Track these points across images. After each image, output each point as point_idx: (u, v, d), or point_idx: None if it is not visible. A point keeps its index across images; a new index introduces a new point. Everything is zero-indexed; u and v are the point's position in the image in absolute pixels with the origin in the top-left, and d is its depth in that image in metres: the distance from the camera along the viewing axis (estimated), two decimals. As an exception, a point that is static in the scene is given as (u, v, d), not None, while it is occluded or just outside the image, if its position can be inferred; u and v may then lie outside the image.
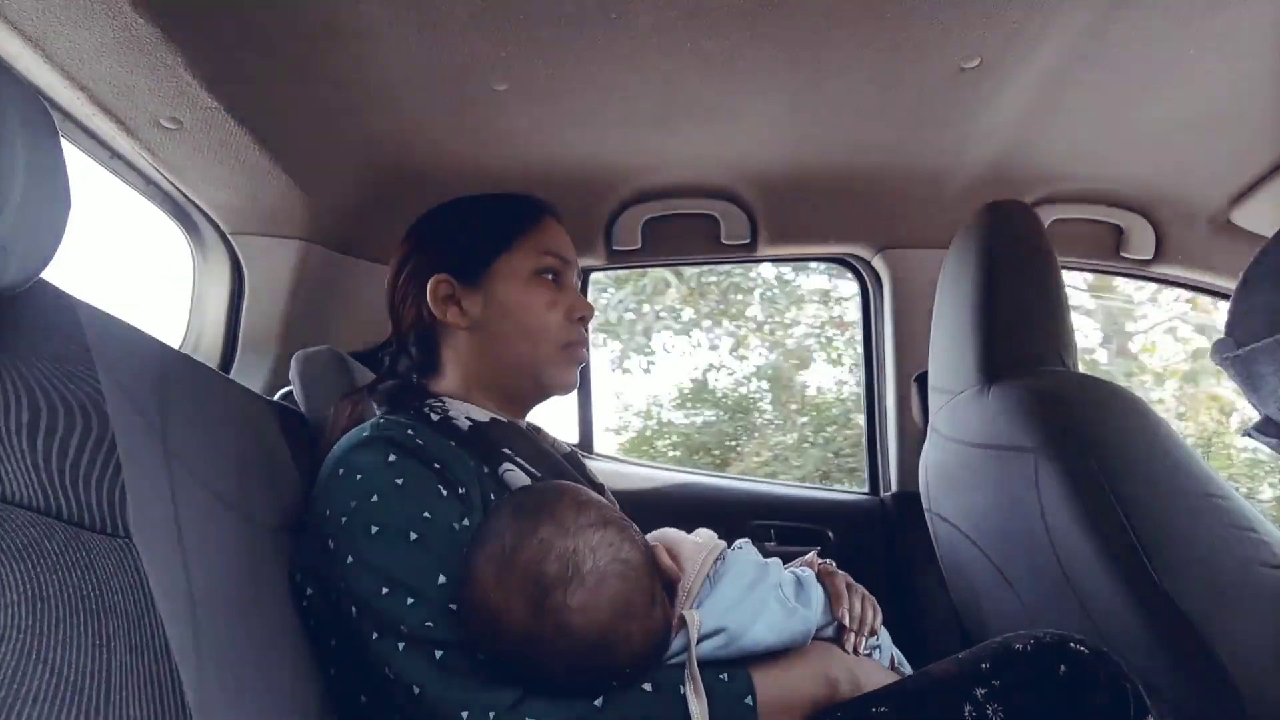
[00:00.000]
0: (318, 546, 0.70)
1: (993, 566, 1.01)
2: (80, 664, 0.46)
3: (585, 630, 0.62)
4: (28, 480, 0.51)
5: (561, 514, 0.66)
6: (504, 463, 0.78)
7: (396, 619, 0.64)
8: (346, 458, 0.73)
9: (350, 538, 0.68)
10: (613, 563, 0.64)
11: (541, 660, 0.62)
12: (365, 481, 0.70)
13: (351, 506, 0.69)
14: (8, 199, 0.50)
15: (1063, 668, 0.58)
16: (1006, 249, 1.06)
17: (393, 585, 0.65)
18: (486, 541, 0.66)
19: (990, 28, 0.95)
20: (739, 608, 0.66)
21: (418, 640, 0.64)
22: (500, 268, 0.86)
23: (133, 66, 0.91)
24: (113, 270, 1.36)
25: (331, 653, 0.71)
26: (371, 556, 0.67)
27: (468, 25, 0.91)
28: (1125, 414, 0.92)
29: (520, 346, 0.85)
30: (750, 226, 1.48)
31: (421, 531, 0.67)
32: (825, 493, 1.68)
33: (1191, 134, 1.20)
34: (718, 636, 0.65)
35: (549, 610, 0.62)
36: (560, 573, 0.63)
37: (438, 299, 0.86)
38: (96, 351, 0.63)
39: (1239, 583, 0.78)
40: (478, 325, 0.85)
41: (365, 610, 0.65)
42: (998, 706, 0.58)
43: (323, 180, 1.22)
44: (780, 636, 0.66)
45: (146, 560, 0.55)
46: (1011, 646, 0.61)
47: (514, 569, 0.63)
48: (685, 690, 0.61)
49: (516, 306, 0.85)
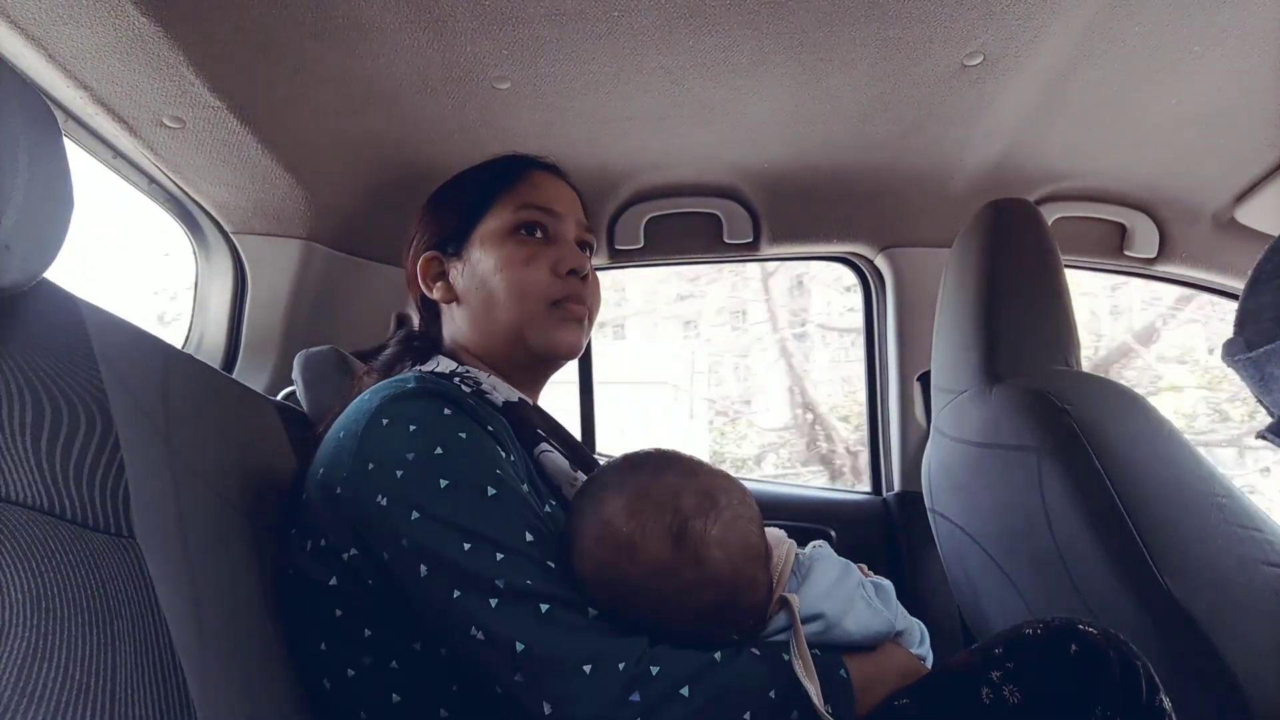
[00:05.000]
0: (355, 504, 0.64)
1: (996, 566, 1.01)
2: (85, 663, 0.46)
3: (720, 566, 0.61)
4: (31, 479, 0.51)
5: (684, 462, 0.67)
6: (540, 443, 0.75)
7: (487, 574, 0.59)
8: (391, 407, 0.66)
9: (412, 491, 0.62)
10: (743, 504, 0.66)
11: (671, 598, 0.61)
12: (423, 433, 0.64)
13: (409, 459, 0.63)
14: (10, 198, 0.50)
15: (1074, 647, 0.59)
16: (1009, 248, 1.05)
17: (476, 540, 0.60)
18: (607, 486, 0.65)
19: (993, 24, 0.95)
20: (832, 598, 0.66)
21: (516, 594, 0.58)
22: (479, 232, 0.82)
23: (135, 65, 0.92)
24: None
25: (332, 623, 0.65)
26: (445, 510, 0.61)
27: (470, 24, 0.91)
28: (1129, 413, 0.91)
29: (503, 311, 0.79)
30: (752, 225, 1.48)
31: (499, 488, 0.63)
32: (828, 493, 1.68)
33: (1195, 131, 1.20)
34: (816, 622, 0.65)
35: (688, 539, 0.61)
36: (699, 505, 0.63)
37: (427, 277, 0.84)
38: (100, 351, 0.63)
39: (1243, 582, 0.77)
40: (464, 296, 0.82)
41: (442, 567, 0.59)
42: (1014, 688, 0.58)
43: (325, 179, 1.22)
44: (865, 632, 0.67)
45: (150, 559, 0.55)
46: (1023, 631, 0.62)
47: (648, 502, 0.62)
48: (791, 659, 0.60)
49: (494, 268, 0.79)
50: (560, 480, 0.74)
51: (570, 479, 0.74)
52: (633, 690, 0.56)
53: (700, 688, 0.57)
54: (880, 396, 1.65)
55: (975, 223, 1.10)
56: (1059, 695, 0.57)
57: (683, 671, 0.58)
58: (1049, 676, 0.58)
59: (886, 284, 1.60)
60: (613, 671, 0.56)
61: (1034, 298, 1.04)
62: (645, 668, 0.57)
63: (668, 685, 0.57)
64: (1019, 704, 0.57)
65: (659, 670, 0.57)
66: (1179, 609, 0.76)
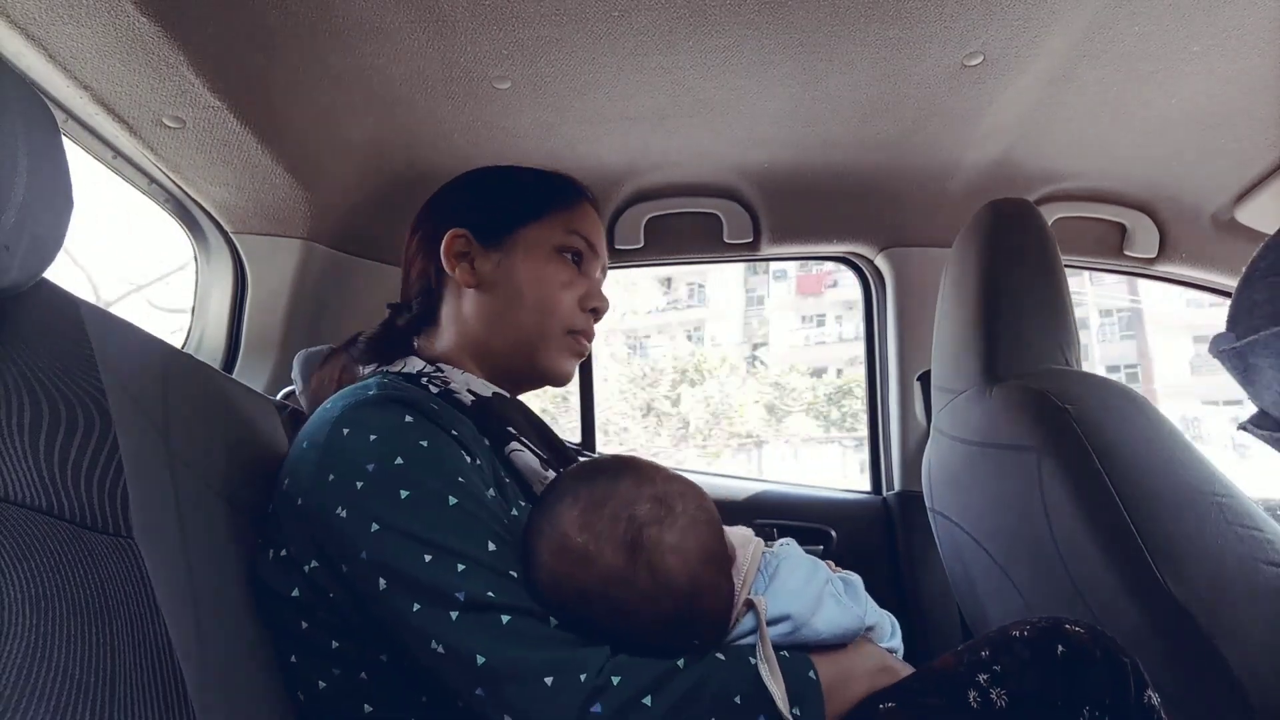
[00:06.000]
0: (317, 515, 0.63)
1: (996, 565, 1.01)
2: (85, 663, 0.46)
3: (677, 572, 0.61)
4: (30, 480, 0.51)
5: (640, 468, 0.66)
6: (510, 442, 0.74)
7: (447, 587, 0.58)
8: (351, 416, 0.65)
9: (371, 503, 0.61)
10: (700, 509, 0.65)
11: (629, 608, 0.60)
12: (383, 443, 0.63)
13: (369, 470, 0.62)
14: (10, 198, 0.50)
15: (1060, 648, 0.59)
16: (1009, 248, 1.05)
17: (436, 551, 0.59)
18: (561, 497, 0.64)
19: (993, 24, 0.95)
20: (800, 598, 0.66)
21: (477, 607, 0.58)
22: (524, 235, 0.82)
23: (135, 65, 0.92)
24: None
25: (299, 636, 0.65)
26: (405, 522, 0.60)
27: (470, 24, 0.91)
28: (1128, 412, 0.91)
29: (524, 318, 0.80)
30: (753, 225, 1.48)
31: (460, 496, 0.62)
32: (828, 492, 1.67)
33: (1195, 131, 1.20)
34: (783, 623, 0.65)
35: (643, 548, 0.60)
36: (653, 513, 0.62)
37: (451, 253, 0.82)
38: (99, 351, 0.63)
39: (1243, 581, 0.77)
40: (486, 286, 0.81)
41: (401, 581, 0.59)
42: (1001, 690, 0.58)
43: (325, 179, 1.22)
44: (835, 631, 0.66)
45: (149, 560, 0.55)
46: (1009, 633, 0.62)
47: (602, 511, 0.62)
48: (757, 663, 0.60)
49: (531, 277, 0.81)
50: (531, 479, 0.73)
51: (540, 478, 0.73)
52: (594, 701, 0.56)
53: (662, 696, 0.57)
54: (880, 396, 1.65)
55: (975, 223, 1.10)
56: (1046, 697, 0.57)
57: (644, 680, 0.57)
58: (1036, 679, 0.58)
59: (886, 284, 1.60)
60: (574, 683, 0.56)
61: (1034, 298, 1.04)
62: (607, 678, 0.57)
63: (629, 694, 0.56)
64: (1006, 707, 0.57)
65: (620, 680, 0.57)
66: (1179, 609, 0.76)
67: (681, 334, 12.36)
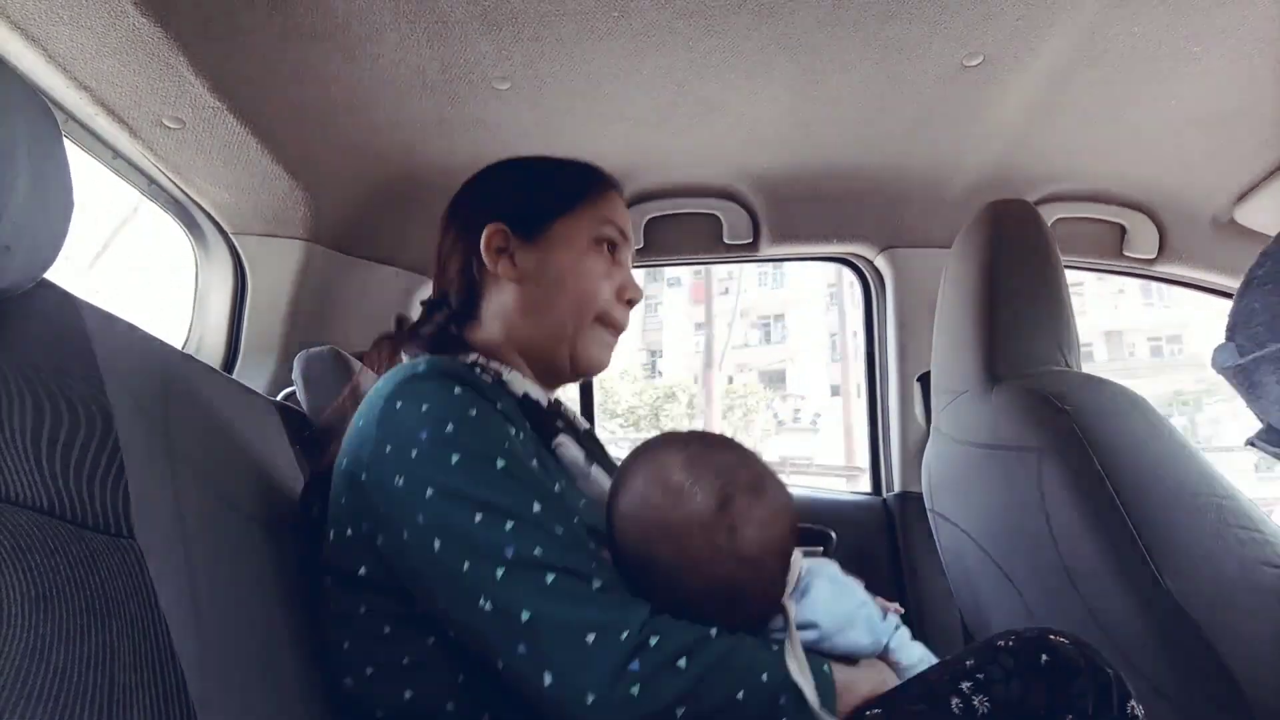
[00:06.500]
0: (377, 487, 0.65)
1: (996, 567, 1.01)
2: (84, 663, 0.46)
3: (751, 543, 0.62)
4: (31, 480, 0.51)
5: (744, 449, 0.68)
6: (558, 434, 0.76)
7: (495, 545, 0.60)
8: (404, 389, 0.68)
9: (426, 469, 0.63)
10: (787, 505, 0.67)
11: (693, 561, 0.62)
12: (434, 411, 0.65)
13: (422, 438, 0.64)
14: (11, 199, 0.50)
15: (1044, 657, 0.59)
16: (1009, 248, 1.05)
17: (486, 510, 0.61)
18: (669, 444, 0.66)
19: (993, 25, 0.95)
20: (831, 613, 0.68)
21: (524, 564, 0.59)
22: (561, 228, 0.84)
23: (135, 67, 0.92)
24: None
25: (356, 621, 0.67)
26: (458, 485, 0.62)
27: (469, 25, 0.91)
28: (1129, 414, 0.91)
29: (565, 310, 0.82)
30: (752, 226, 1.48)
31: (507, 460, 0.64)
32: (828, 493, 1.68)
33: (1195, 132, 1.20)
34: (810, 630, 0.67)
35: (732, 508, 0.62)
36: (751, 484, 0.64)
37: (491, 248, 0.83)
38: (100, 352, 0.63)
39: (1242, 583, 0.77)
40: (528, 279, 0.82)
41: (454, 540, 0.61)
42: (984, 697, 0.59)
43: (325, 180, 1.22)
44: (852, 649, 0.68)
45: (150, 560, 0.55)
46: (994, 643, 0.63)
47: (708, 462, 0.64)
48: (785, 651, 0.62)
49: (571, 269, 0.82)
50: (575, 473, 0.75)
51: (583, 471, 0.76)
52: (633, 659, 0.57)
53: (696, 659, 0.58)
54: (880, 396, 1.65)
55: (975, 223, 1.10)
56: (1029, 705, 0.58)
57: (681, 642, 0.59)
58: (1019, 687, 0.59)
59: (886, 284, 1.60)
60: (615, 641, 0.57)
61: (1034, 298, 1.04)
62: (645, 637, 0.58)
63: (666, 655, 0.58)
64: (988, 713, 0.58)
65: (658, 640, 0.58)
66: (1179, 609, 0.76)
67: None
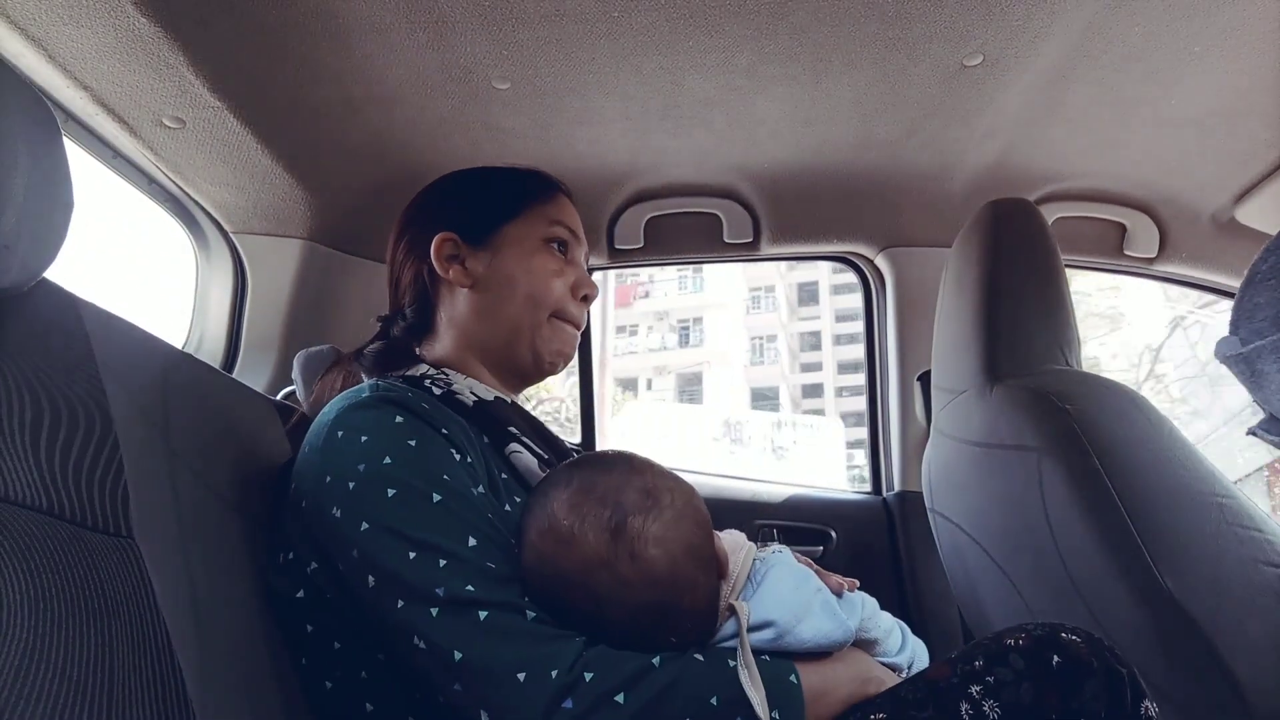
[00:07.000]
0: (316, 517, 0.65)
1: (996, 566, 1.01)
2: (84, 663, 0.46)
3: (658, 564, 0.61)
4: (30, 480, 0.51)
5: (633, 462, 0.67)
6: (510, 442, 0.75)
7: (428, 583, 0.59)
8: (345, 418, 0.68)
9: (362, 503, 0.63)
10: (688, 506, 0.65)
11: (608, 595, 0.60)
12: (373, 443, 0.65)
13: (360, 470, 0.64)
14: (10, 199, 0.51)
15: (1056, 659, 0.58)
16: (1009, 247, 1.05)
17: (420, 548, 0.61)
18: (556, 483, 0.65)
19: (993, 25, 0.95)
20: (786, 605, 0.66)
21: (456, 602, 0.59)
22: (510, 232, 0.85)
23: (135, 66, 0.92)
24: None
25: (306, 638, 0.67)
26: (391, 520, 0.62)
27: (469, 24, 0.91)
28: (1129, 413, 0.91)
29: (520, 310, 0.83)
30: (752, 225, 1.48)
31: (444, 494, 0.64)
32: (828, 492, 1.67)
33: (1195, 131, 1.20)
34: (767, 630, 0.65)
35: (626, 536, 0.61)
36: (640, 502, 0.63)
37: (441, 256, 0.84)
38: (99, 351, 0.63)
39: (1242, 582, 0.77)
40: (480, 285, 0.83)
41: (387, 578, 0.60)
42: (994, 703, 0.58)
43: (325, 179, 1.22)
44: (820, 640, 0.66)
45: (149, 560, 0.55)
46: (1004, 642, 0.61)
47: (590, 496, 0.63)
48: (738, 666, 0.60)
49: (523, 269, 0.84)
50: (530, 479, 0.75)
51: (538, 477, 0.74)
52: (565, 697, 0.56)
53: (635, 693, 0.57)
54: (880, 396, 1.65)
55: (975, 223, 1.10)
56: (1041, 710, 0.57)
57: (618, 677, 0.58)
58: (1030, 691, 0.57)
59: (886, 284, 1.60)
60: (545, 679, 0.57)
61: (1034, 298, 1.04)
62: (579, 674, 0.57)
63: (601, 691, 0.57)
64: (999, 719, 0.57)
65: (593, 676, 0.57)
66: (1179, 609, 0.76)
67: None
